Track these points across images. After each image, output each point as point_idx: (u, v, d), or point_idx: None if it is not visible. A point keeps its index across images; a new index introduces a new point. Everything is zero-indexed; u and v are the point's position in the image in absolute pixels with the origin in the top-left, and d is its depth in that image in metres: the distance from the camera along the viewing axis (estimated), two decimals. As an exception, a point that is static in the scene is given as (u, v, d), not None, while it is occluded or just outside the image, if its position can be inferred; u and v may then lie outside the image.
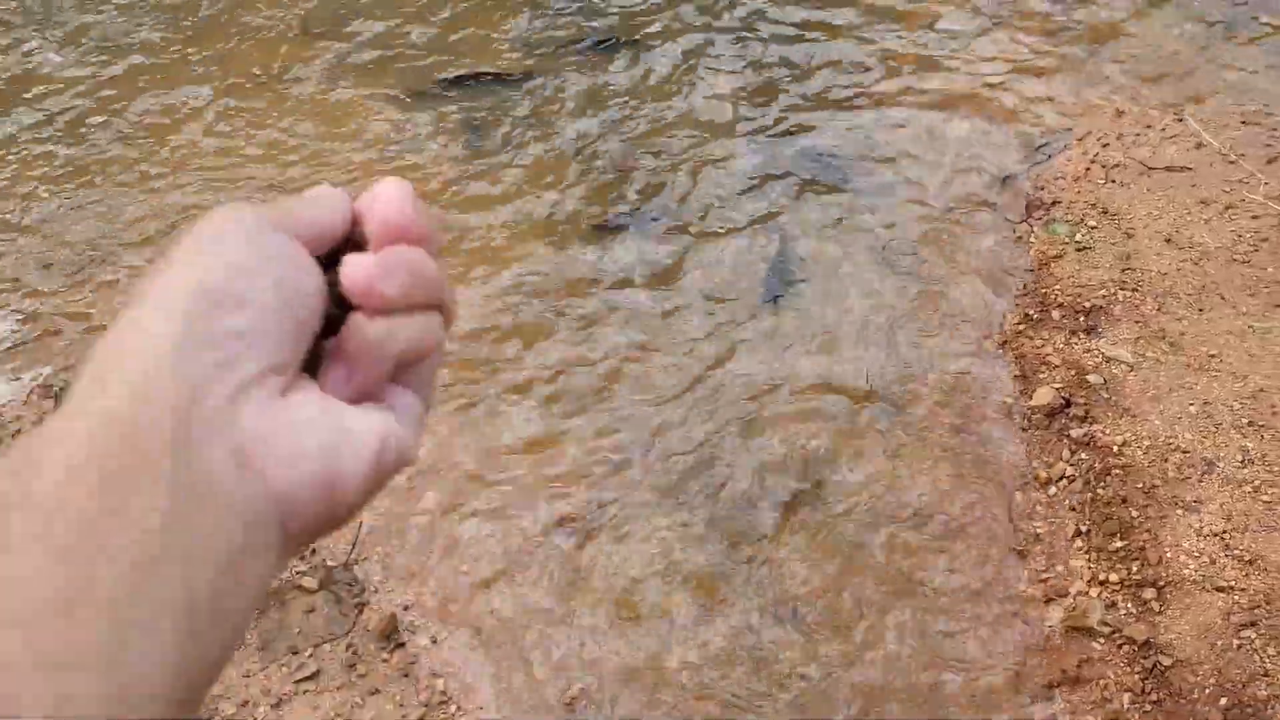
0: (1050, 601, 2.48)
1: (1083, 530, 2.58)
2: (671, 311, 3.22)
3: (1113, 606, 2.43)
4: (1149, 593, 2.41)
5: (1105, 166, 3.50)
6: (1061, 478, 2.69)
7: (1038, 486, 2.71)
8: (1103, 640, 2.39)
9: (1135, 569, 2.46)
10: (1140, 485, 2.59)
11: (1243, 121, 3.59)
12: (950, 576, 2.56)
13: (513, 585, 2.62)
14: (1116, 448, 2.68)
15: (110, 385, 0.39)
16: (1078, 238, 3.27)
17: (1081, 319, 3.02)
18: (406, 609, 2.58)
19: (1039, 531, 2.62)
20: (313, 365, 0.46)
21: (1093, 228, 3.29)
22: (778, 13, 4.31)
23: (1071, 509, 2.64)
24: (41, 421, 2.43)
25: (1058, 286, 3.13)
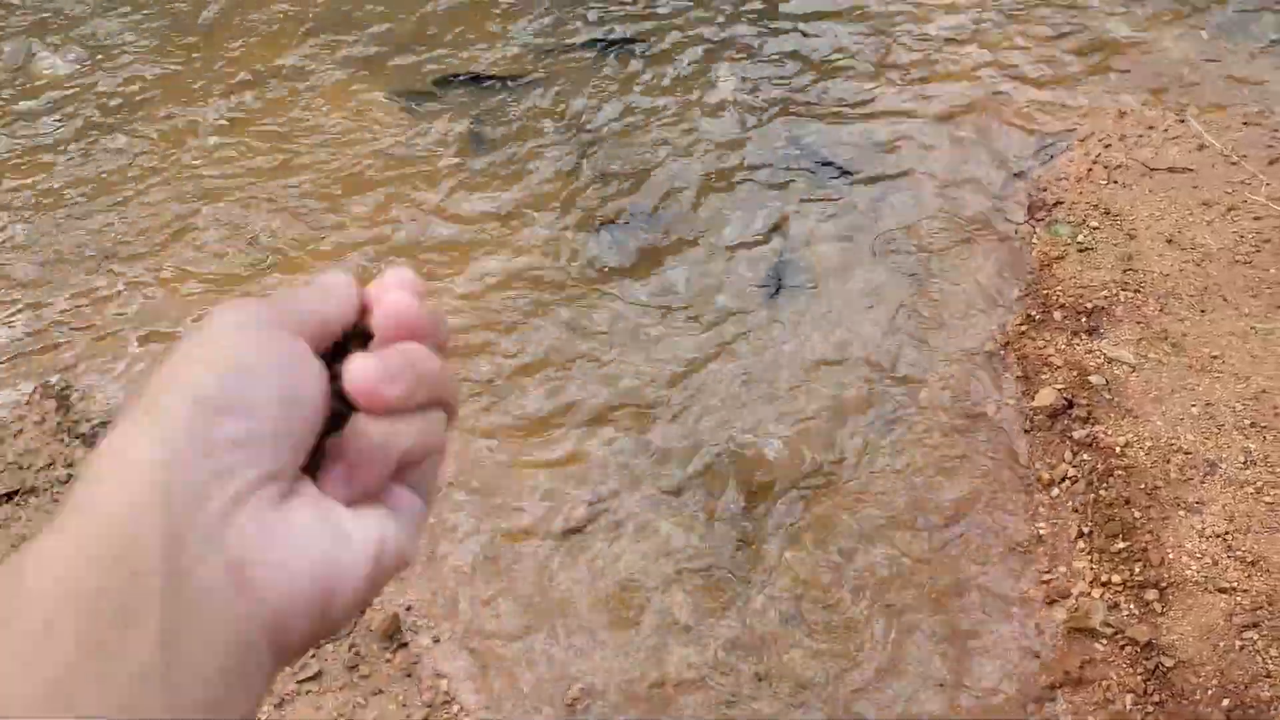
0: (1053, 603, 2.48)
1: (1085, 531, 2.58)
2: (673, 312, 3.22)
3: (1115, 608, 2.43)
4: (1151, 594, 2.41)
5: (1107, 167, 3.50)
6: (1064, 479, 2.70)
7: (1040, 488, 2.71)
8: (1105, 641, 2.39)
9: (1137, 570, 2.46)
10: (1142, 486, 2.59)
11: (1244, 123, 3.60)
12: (952, 578, 2.56)
13: (515, 585, 2.62)
14: (1119, 449, 2.68)
15: (106, 498, 0.39)
16: (1080, 238, 3.27)
17: (1083, 320, 3.02)
18: (409, 609, 2.58)
19: (1041, 533, 2.62)
20: (314, 458, 0.46)
21: (1095, 229, 3.29)
22: (779, 15, 4.31)
23: (1074, 510, 2.64)
24: (44, 422, 2.41)
25: (1060, 287, 3.13)
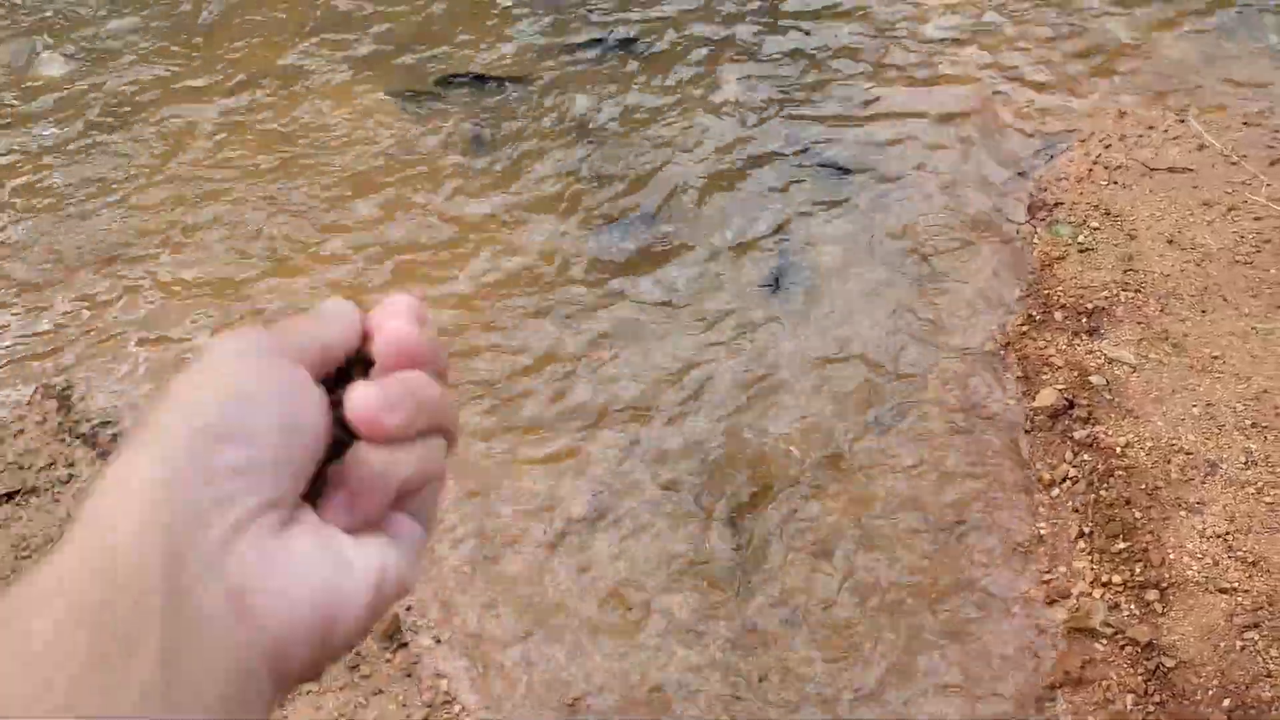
0: (1053, 603, 2.48)
1: (1085, 532, 2.58)
2: (674, 312, 3.22)
3: (1116, 608, 2.43)
4: (1152, 594, 2.41)
5: (1108, 168, 3.50)
6: (1064, 479, 2.70)
7: (1041, 488, 2.71)
8: (1105, 641, 2.39)
9: (1138, 570, 2.46)
10: (1143, 487, 2.59)
11: (1244, 123, 3.60)
12: (952, 578, 2.56)
13: (515, 585, 2.62)
14: (1119, 449, 2.68)
15: (108, 516, 0.39)
16: (1080, 239, 3.27)
17: (1084, 320, 3.02)
18: (409, 609, 2.58)
19: (1042, 533, 2.62)
20: (315, 485, 0.46)
21: (1095, 229, 3.29)
22: (780, 15, 4.31)
23: (1074, 510, 2.64)
24: (45, 422, 2.41)
25: (1060, 288, 3.13)
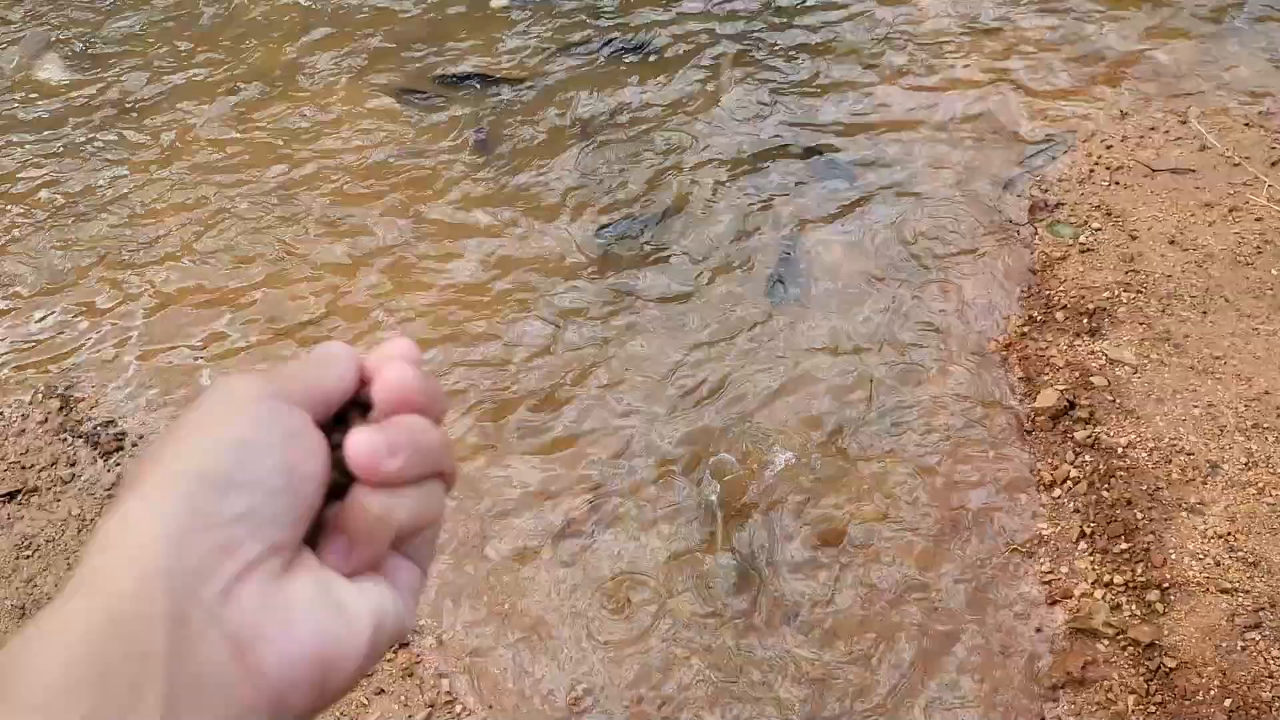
0: (1055, 603, 2.49)
1: (1087, 532, 2.58)
2: (674, 312, 3.22)
3: (1117, 608, 2.43)
4: (1153, 595, 2.41)
5: (1109, 168, 3.50)
6: (1065, 480, 2.70)
7: (1042, 488, 2.71)
8: (1107, 642, 2.39)
9: (1140, 571, 2.46)
10: (1144, 487, 2.59)
11: (1246, 124, 3.60)
12: (954, 578, 2.56)
13: (517, 584, 2.62)
14: (1121, 450, 2.68)
15: (111, 575, 0.39)
16: (1081, 239, 3.27)
17: (1085, 321, 3.02)
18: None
19: (1043, 533, 2.62)
20: (314, 527, 0.46)
21: (1096, 229, 3.29)
22: (782, 18, 4.32)
23: (1076, 511, 2.64)
24: (47, 422, 2.41)
25: (1061, 288, 3.14)
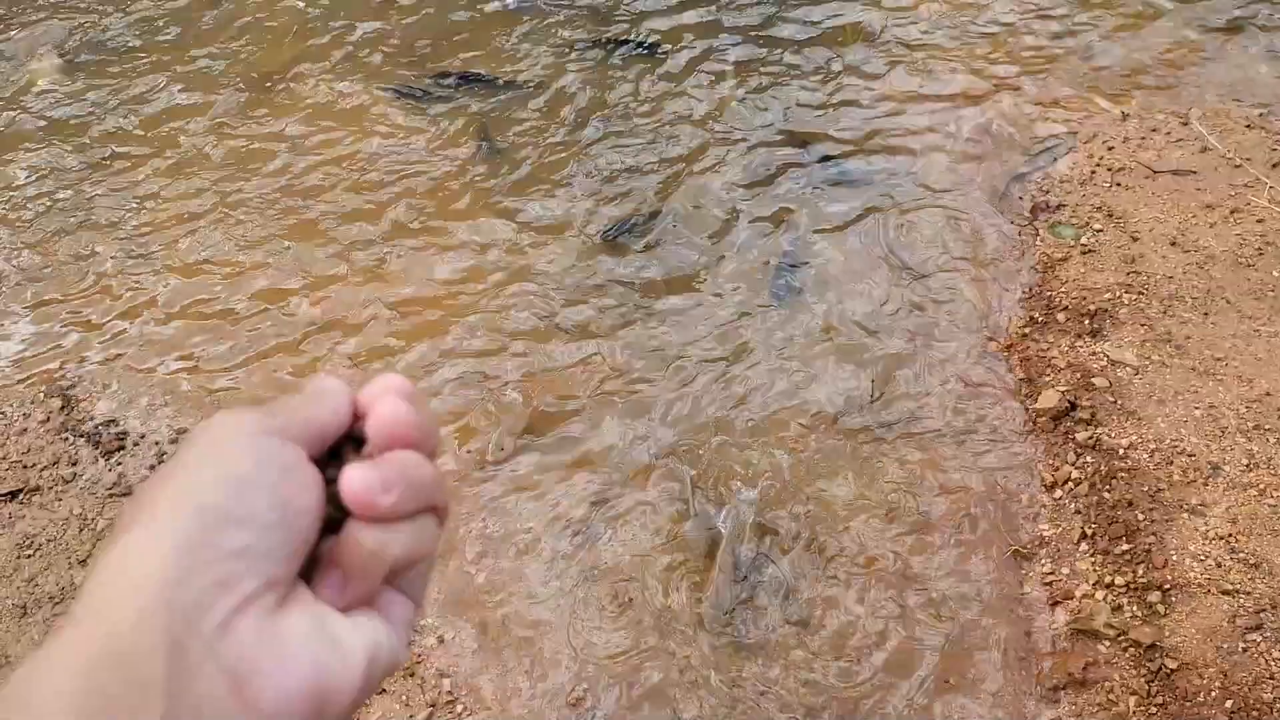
0: (1056, 604, 2.49)
1: (1088, 533, 2.59)
2: (678, 312, 3.22)
3: (1119, 609, 2.43)
4: (1154, 596, 2.41)
5: (1110, 170, 3.50)
6: (1067, 481, 2.70)
7: (1043, 489, 2.72)
8: (1108, 643, 2.39)
9: (1141, 572, 2.47)
10: (1146, 489, 2.59)
11: (1247, 125, 3.60)
12: (956, 579, 2.56)
13: (518, 584, 2.62)
14: (1122, 451, 2.68)
15: (110, 610, 0.40)
16: (1083, 240, 3.27)
17: (1086, 322, 3.02)
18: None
19: (1045, 534, 2.62)
20: (309, 561, 0.47)
21: (1098, 231, 3.29)
22: (785, 17, 4.32)
23: (1077, 512, 2.64)
24: (48, 421, 2.41)
25: (1063, 289, 3.14)
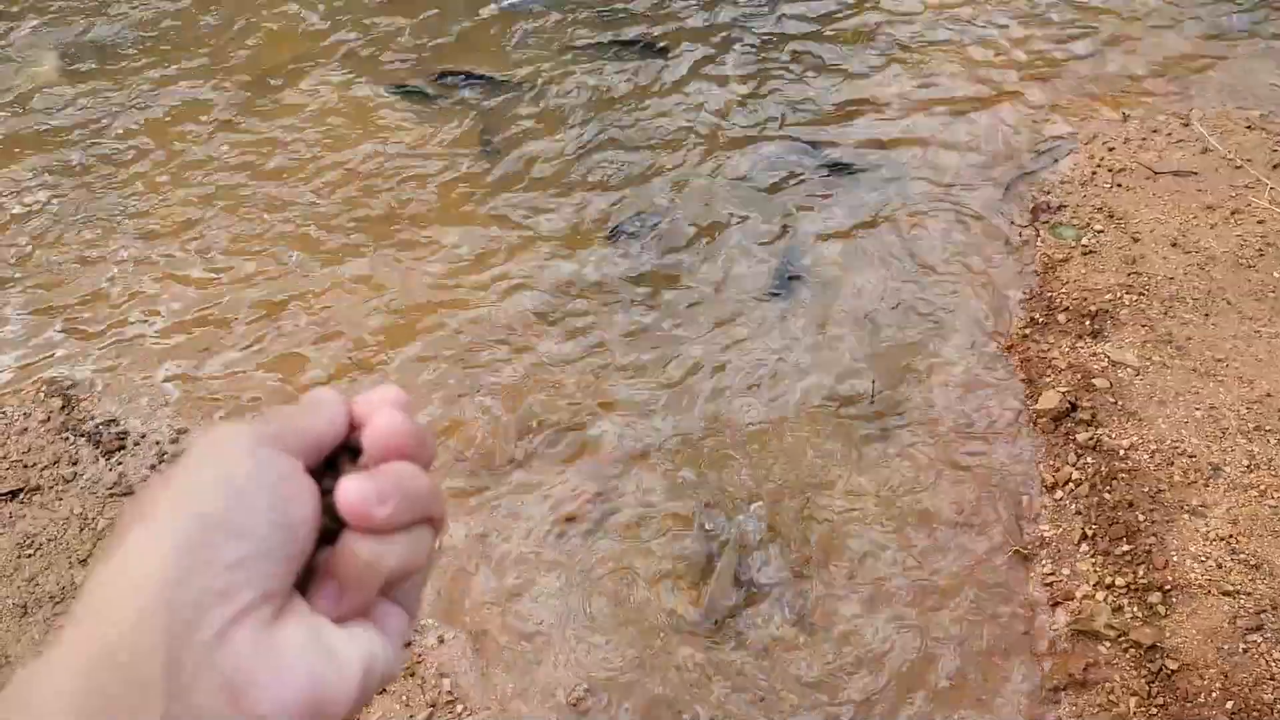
0: (1057, 605, 2.49)
1: (1089, 534, 2.59)
2: (679, 312, 3.22)
3: (1119, 610, 2.43)
4: (1155, 596, 2.41)
5: (1111, 170, 3.50)
6: (1067, 481, 2.70)
7: (1044, 490, 2.71)
8: (1109, 644, 2.39)
9: (1141, 573, 2.47)
10: (1146, 489, 2.59)
11: (1248, 127, 3.60)
12: (956, 579, 2.56)
13: (518, 584, 2.62)
14: (1122, 452, 2.68)
15: (110, 616, 0.40)
16: (1083, 241, 3.27)
17: (1087, 323, 3.02)
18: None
19: (1045, 535, 2.62)
20: (304, 571, 0.47)
21: (1099, 231, 3.29)
22: (786, 18, 4.32)
23: (1078, 513, 2.64)
24: (49, 420, 2.40)
25: (1063, 290, 3.14)
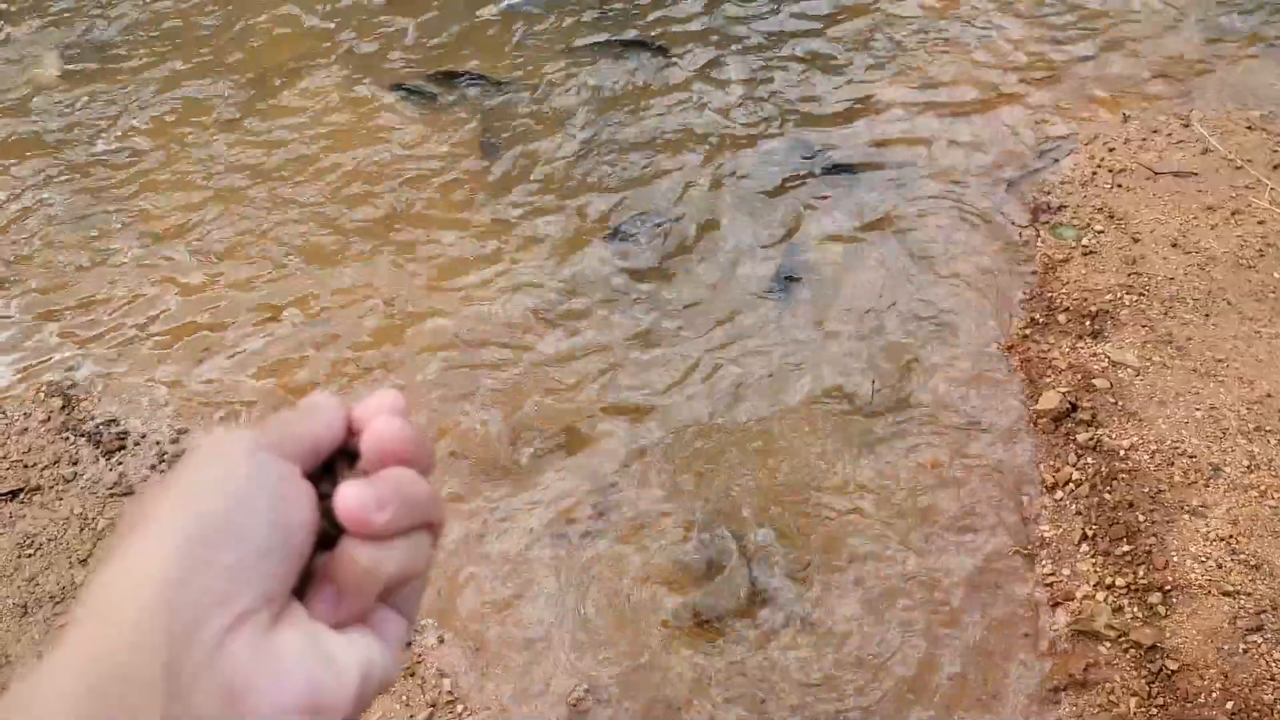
0: (1057, 605, 2.49)
1: (1089, 534, 2.59)
2: (681, 313, 3.22)
3: (1119, 610, 2.43)
4: (1155, 597, 2.41)
5: (1111, 171, 3.50)
6: (1068, 482, 2.70)
7: (1044, 490, 2.71)
8: (1109, 644, 2.39)
9: (1142, 573, 2.47)
10: (1147, 490, 2.59)
11: (1249, 127, 3.60)
12: (956, 580, 2.56)
13: (518, 585, 2.62)
14: (1123, 452, 2.68)
15: (110, 620, 0.41)
16: (1084, 242, 3.27)
17: (1087, 323, 3.02)
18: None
19: (1046, 535, 2.62)
20: (302, 576, 0.47)
21: (1099, 232, 3.29)
22: (787, 19, 4.32)
23: (1078, 513, 2.64)
24: (49, 420, 2.40)
25: (1064, 290, 3.14)
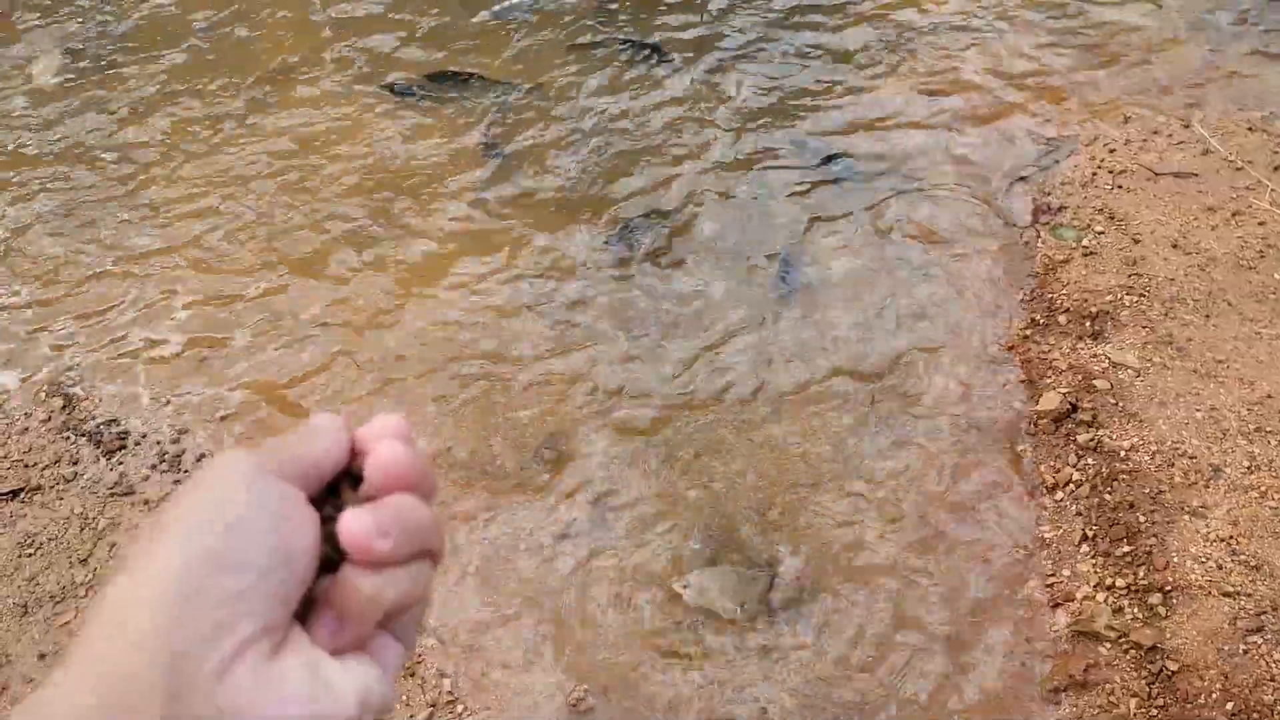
0: (1057, 606, 2.49)
1: (1089, 535, 2.59)
2: (682, 314, 3.23)
3: (1119, 611, 2.43)
4: (1156, 598, 2.41)
5: (1112, 172, 3.50)
6: (1068, 483, 2.70)
7: (1044, 491, 2.71)
8: (1109, 645, 2.39)
9: (1142, 574, 2.47)
10: (1147, 490, 2.59)
11: (1249, 128, 3.60)
12: (956, 580, 2.56)
13: (518, 585, 2.63)
14: (1123, 453, 2.68)
15: (108, 652, 0.41)
16: (1084, 242, 3.27)
17: (1088, 324, 3.02)
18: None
19: (1046, 536, 2.62)
20: (303, 600, 0.47)
21: (1099, 233, 3.29)
22: (787, 19, 4.32)
23: (1078, 514, 2.64)
24: (50, 420, 2.41)
25: (1064, 291, 3.14)
